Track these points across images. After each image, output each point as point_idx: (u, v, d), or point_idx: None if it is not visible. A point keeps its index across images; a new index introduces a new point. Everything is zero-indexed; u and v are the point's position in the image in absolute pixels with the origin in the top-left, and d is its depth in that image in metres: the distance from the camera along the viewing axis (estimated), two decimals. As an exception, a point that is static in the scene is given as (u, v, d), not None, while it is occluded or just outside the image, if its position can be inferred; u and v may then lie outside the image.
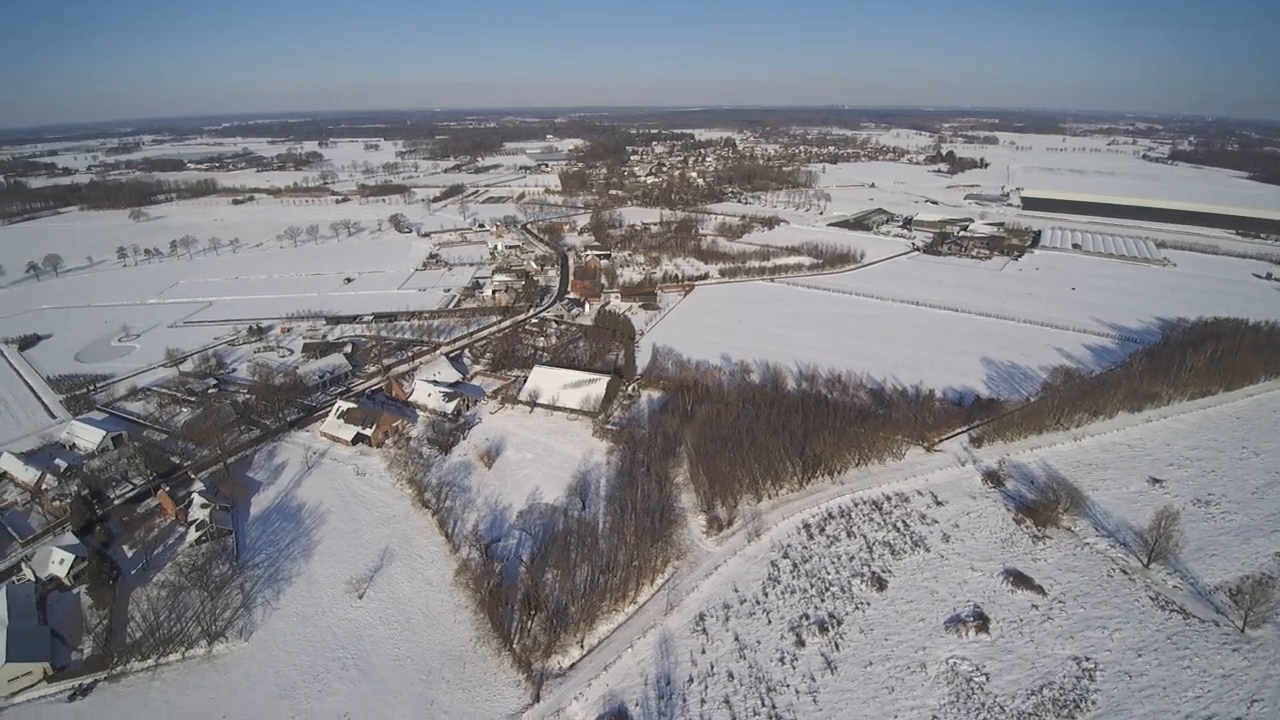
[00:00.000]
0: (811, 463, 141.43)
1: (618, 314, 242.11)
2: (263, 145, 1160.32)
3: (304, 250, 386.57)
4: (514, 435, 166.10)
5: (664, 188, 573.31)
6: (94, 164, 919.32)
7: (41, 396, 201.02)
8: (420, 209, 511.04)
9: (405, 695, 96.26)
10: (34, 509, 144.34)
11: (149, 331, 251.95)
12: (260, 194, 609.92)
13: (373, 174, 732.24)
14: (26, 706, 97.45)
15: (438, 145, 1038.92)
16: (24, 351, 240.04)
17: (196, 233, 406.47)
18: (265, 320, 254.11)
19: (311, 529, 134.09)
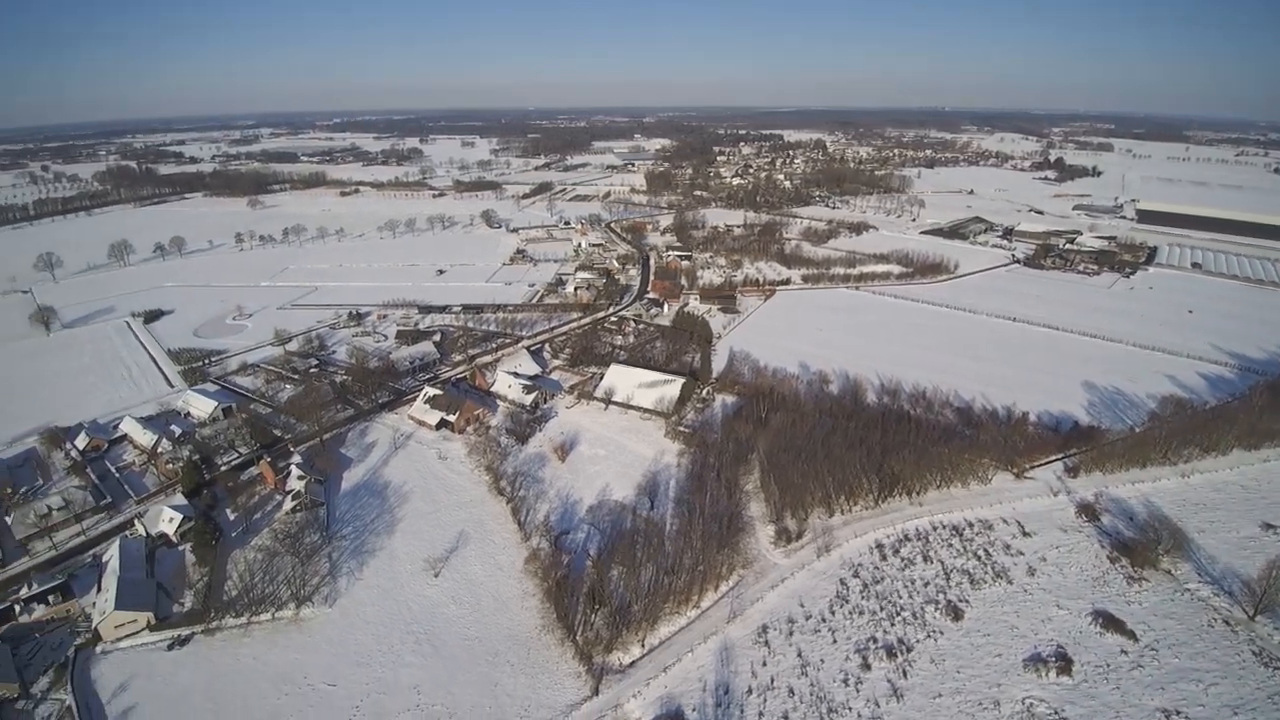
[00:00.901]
0: (889, 481, 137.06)
1: (696, 316, 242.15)
2: (369, 141, 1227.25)
3: (401, 241, 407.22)
4: (588, 431, 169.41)
5: (749, 190, 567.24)
6: (217, 154, 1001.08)
7: (162, 367, 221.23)
8: (510, 205, 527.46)
9: (472, 674, 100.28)
10: (149, 470, 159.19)
11: (260, 312, 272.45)
12: (365, 187, 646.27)
13: (468, 170, 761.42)
14: (130, 652, 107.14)
15: (529, 143, 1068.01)
16: (149, 325, 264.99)
17: (306, 221, 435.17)
18: (363, 306, 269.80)
19: (395, 506, 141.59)
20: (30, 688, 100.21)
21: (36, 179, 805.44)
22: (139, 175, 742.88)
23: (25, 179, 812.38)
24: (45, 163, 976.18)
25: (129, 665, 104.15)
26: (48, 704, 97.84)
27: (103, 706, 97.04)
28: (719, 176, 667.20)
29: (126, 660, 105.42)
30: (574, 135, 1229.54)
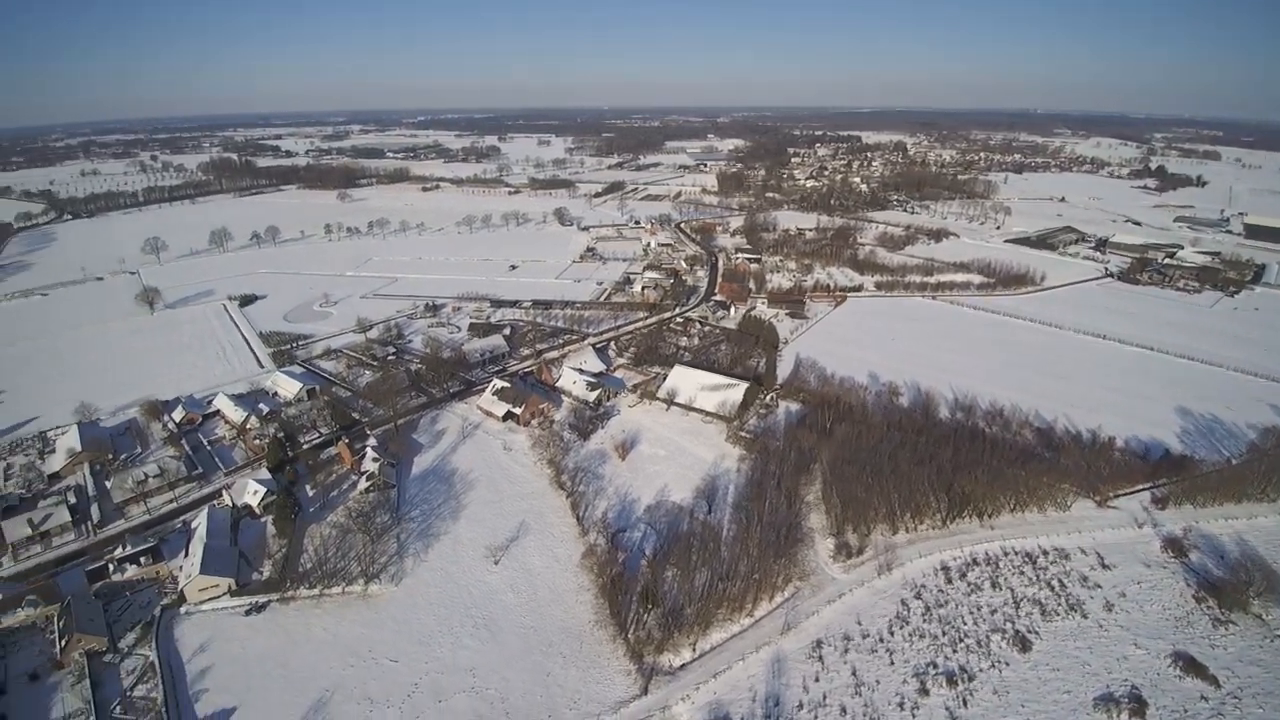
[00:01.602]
0: (959, 501, 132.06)
1: (763, 320, 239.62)
2: (450, 138, 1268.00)
3: (477, 236, 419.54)
4: (649, 430, 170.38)
5: (823, 192, 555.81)
6: (311, 149, 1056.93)
7: (254, 348, 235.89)
8: (582, 204, 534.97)
9: (525, 662, 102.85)
10: (238, 444, 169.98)
11: (344, 300, 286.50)
12: (445, 183, 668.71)
13: (543, 168, 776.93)
14: (211, 614, 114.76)
15: (603, 143, 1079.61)
16: (243, 308, 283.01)
17: (390, 215, 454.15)
18: (439, 298, 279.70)
19: (461, 493, 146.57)
20: (118, 642, 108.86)
21: (146, 168, 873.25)
22: (239, 167, 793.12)
23: (136, 168, 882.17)
24: (154, 153, 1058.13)
25: (209, 627, 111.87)
26: (133, 658, 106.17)
27: (183, 664, 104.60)
28: (792, 178, 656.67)
29: (207, 622, 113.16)
30: (647, 135, 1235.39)
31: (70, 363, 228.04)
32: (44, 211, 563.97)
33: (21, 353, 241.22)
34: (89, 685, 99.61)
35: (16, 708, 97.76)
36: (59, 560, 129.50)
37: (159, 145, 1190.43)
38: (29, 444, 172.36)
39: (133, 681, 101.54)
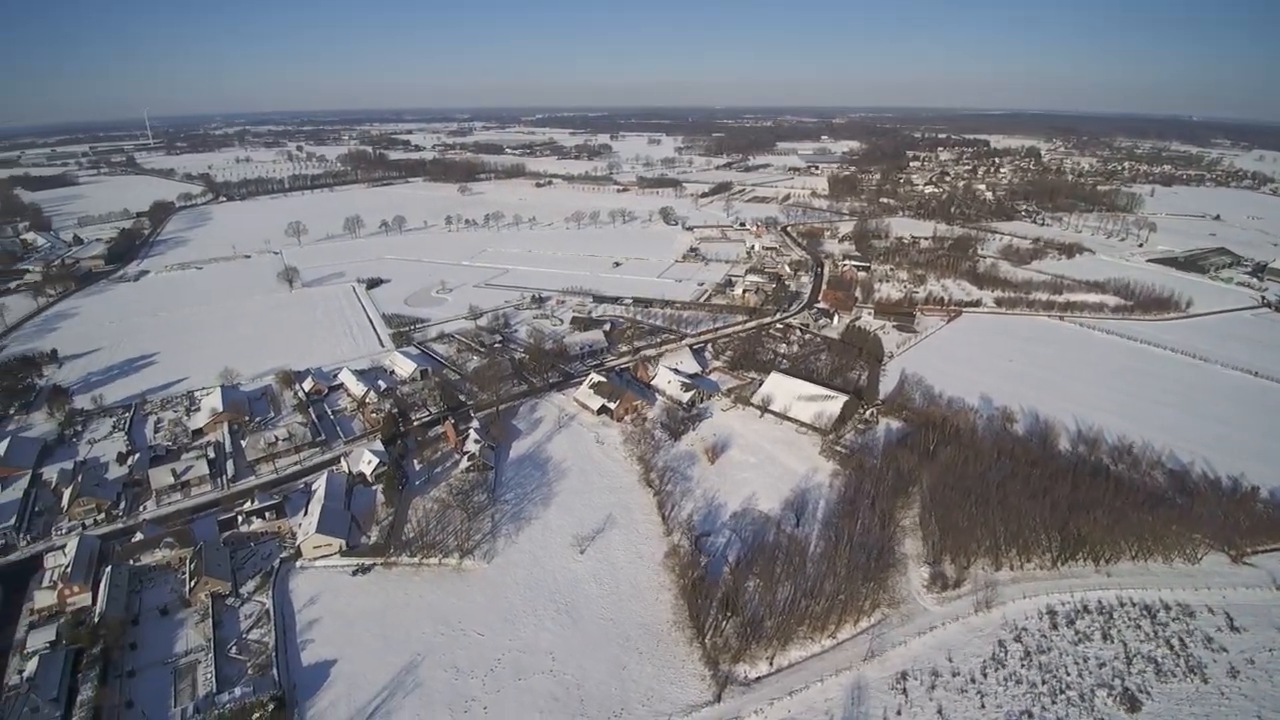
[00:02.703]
0: (1073, 542, 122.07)
1: (868, 331, 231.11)
2: (565, 136, 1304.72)
3: (585, 233, 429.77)
4: (740, 436, 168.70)
5: (943, 199, 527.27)
6: (437, 144, 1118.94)
7: (376, 328, 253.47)
8: (688, 203, 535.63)
9: (603, 652, 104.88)
10: (357, 416, 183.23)
11: (459, 288, 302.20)
12: (557, 179, 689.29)
13: (651, 167, 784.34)
14: (322, 571, 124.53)
15: (713, 142, 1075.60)
16: (370, 290, 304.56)
17: (505, 209, 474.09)
18: (545, 291, 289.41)
19: (553, 481, 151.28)
20: (240, 588, 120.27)
21: (292, 157, 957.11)
22: (373, 159, 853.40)
23: (284, 156, 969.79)
24: (300, 144, 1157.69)
25: (319, 582, 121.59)
26: (251, 604, 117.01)
27: (294, 614, 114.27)
28: (910, 183, 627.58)
29: (318, 578, 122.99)
30: (758, 135, 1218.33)
31: (218, 331, 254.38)
32: (202, 193, 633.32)
33: (177, 319, 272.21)
34: (211, 624, 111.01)
35: (146, 638, 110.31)
36: (195, 509, 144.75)
37: (304, 137, 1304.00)
38: (178, 402, 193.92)
39: (249, 625, 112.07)
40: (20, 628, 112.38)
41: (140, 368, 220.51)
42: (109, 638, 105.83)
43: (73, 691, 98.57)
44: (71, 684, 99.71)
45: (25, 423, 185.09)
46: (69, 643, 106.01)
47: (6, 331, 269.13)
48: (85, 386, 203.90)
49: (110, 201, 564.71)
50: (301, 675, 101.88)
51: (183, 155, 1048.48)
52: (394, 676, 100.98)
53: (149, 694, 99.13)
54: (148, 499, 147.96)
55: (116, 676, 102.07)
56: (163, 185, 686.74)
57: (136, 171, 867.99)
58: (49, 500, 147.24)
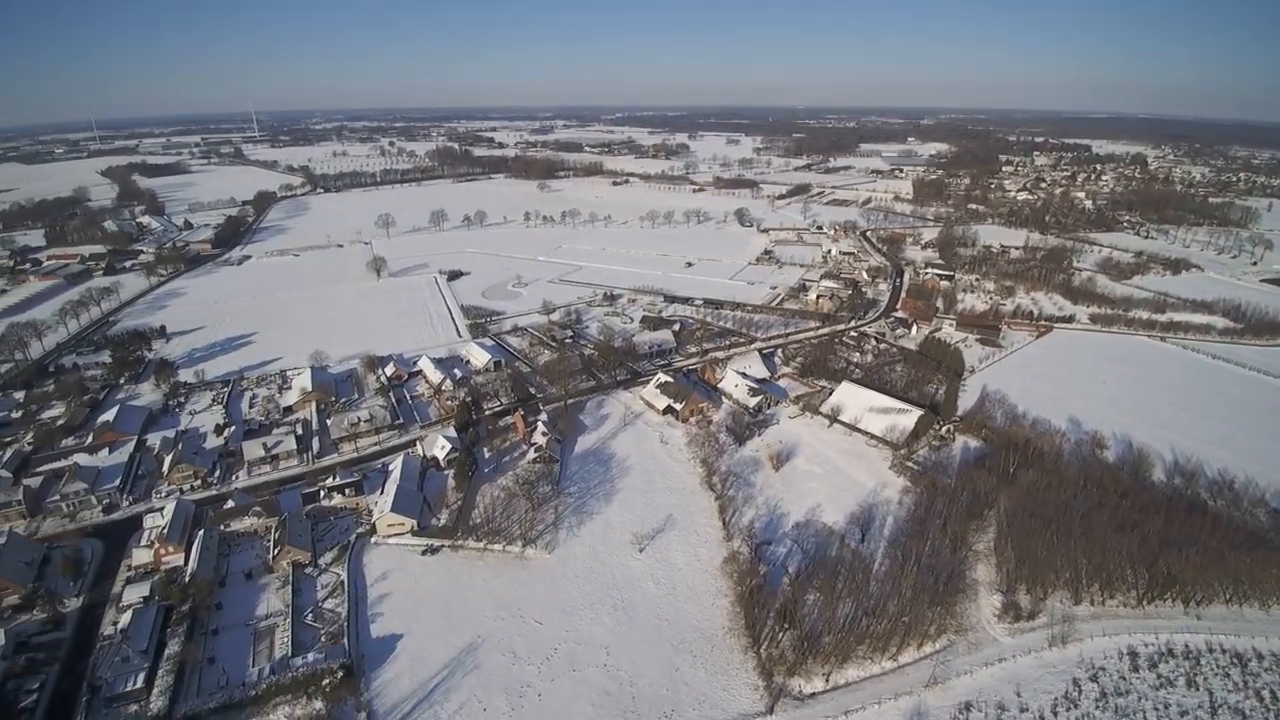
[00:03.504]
0: (1161, 580, 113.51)
1: (948, 344, 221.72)
2: (643, 135, 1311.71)
3: (659, 232, 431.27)
4: (807, 445, 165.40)
5: (1037, 206, 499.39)
6: (519, 141, 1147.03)
7: (455, 319, 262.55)
8: (764, 205, 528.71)
9: (656, 652, 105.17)
10: (433, 403, 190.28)
11: (534, 283, 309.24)
12: (634, 178, 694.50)
13: (729, 168, 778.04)
14: (394, 548, 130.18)
15: (793, 143, 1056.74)
16: (450, 282, 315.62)
17: (581, 206, 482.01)
18: (617, 289, 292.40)
19: (616, 478, 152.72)
20: (319, 559, 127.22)
21: (385, 152, 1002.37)
22: (458, 156, 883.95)
23: (376, 152, 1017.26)
24: (392, 139, 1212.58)
25: (391, 559, 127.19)
26: (328, 574, 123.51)
27: (366, 587, 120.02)
28: (1001, 189, 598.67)
29: (390, 555, 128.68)
30: (840, 136, 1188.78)
31: (310, 315, 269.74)
32: (302, 184, 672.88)
33: (274, 302, 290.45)
34: (290, 591, 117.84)
35: (230, 599, 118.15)
36: (282, 481, 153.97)
37: (396, 133, 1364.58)
38: (271, 380, 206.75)
39: (325, 595, 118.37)
40: (118, 582, 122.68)
41: (239, 346, 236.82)
42: (197, 597, 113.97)
43: (161, 645, 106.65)
44: (161, 638, 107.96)
45: (134, 392, 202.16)
46: (161, 599, 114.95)
47: (121, 307, 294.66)
48: (189, 361, 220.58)
49: (218, 190, 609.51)
50: (370, 646, 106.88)
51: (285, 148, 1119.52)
52: (455, 656, 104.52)
53: (230, 653, 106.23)
54: (240, 469, 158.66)
55: (202, 634, 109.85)
56: (266, 176, 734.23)
57: (243, 162, 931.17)
58: (151, 465, 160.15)
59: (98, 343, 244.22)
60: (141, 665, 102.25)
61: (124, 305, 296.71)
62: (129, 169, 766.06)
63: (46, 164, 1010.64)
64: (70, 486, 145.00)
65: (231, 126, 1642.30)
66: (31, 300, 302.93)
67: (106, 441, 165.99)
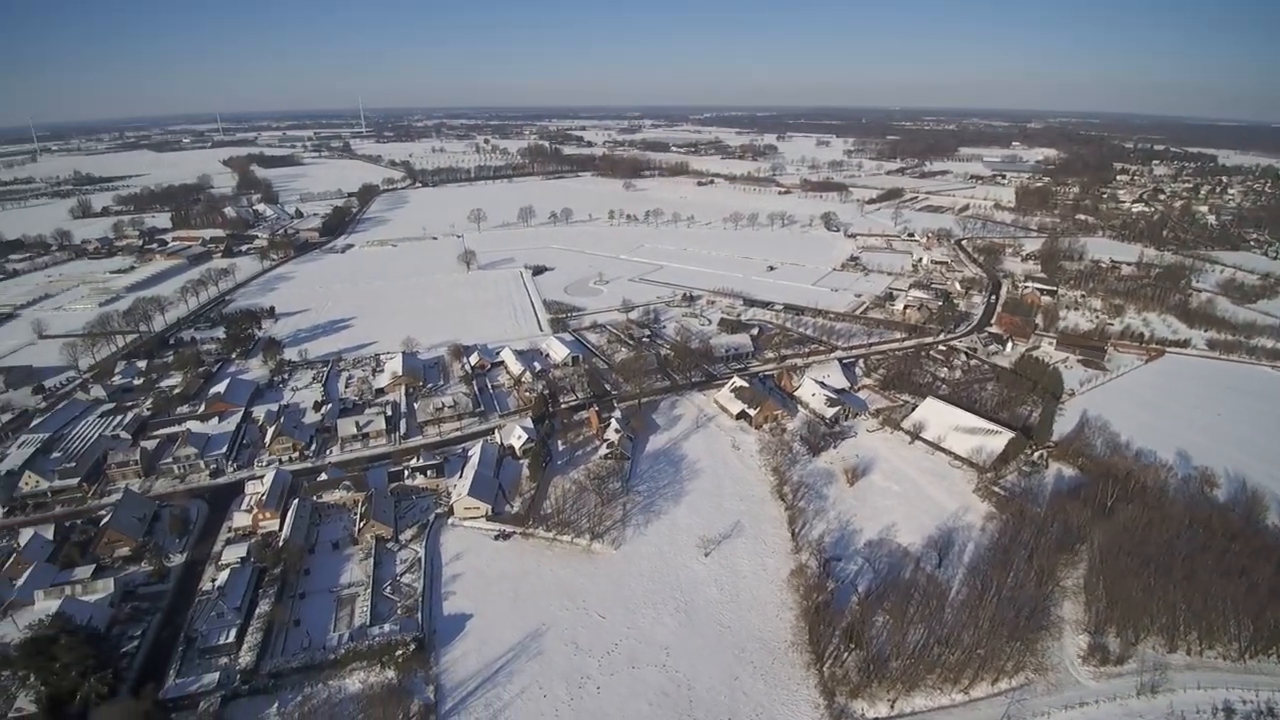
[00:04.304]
0: (1267, 634, 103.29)
1: (1046, 363, 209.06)
2: (731, 135, 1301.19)
3: (741, 234, 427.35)
4: (885, 461, 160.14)
5: (1153, 220, 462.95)
6: (607, 140, 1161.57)
7: (537, 313, 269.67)
8: (853, 209, 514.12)
9: (716, 658, 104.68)
10: (513, 393, 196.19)
11: (614, 280, 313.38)
12: (719, 179, 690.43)
13: (817, 170, 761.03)
14: (469, 531, 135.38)
15: (886, 146, 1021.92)
16: (535, 277, 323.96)
17: (665, 206, 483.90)
18: (696, 290, 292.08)
19: (685, 480, 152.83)
20: (399, 535, 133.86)
21: (479, 149, 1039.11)
22: (548, 153, 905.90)
23: (472, 148, 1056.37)
24: (487, 137, 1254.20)
25: (465, 541, 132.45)
26: (407, 550, 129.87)
27: (441, 566, 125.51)
28: (1114, 200, 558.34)
29: (465, 537, 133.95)
30: (938, 139, 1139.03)
31: (404, 303, 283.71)
32: (402, 178, 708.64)
33: (373, 289, 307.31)
34: (372, 563, 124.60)
35: (318, 566, 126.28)
36: (371, 458, 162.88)
37: (491, 131, 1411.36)
38: (366, 362, 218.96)
39: (404, 569, 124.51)
40: (218, 542, 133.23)
41: (339, 329, 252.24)
42: (289, 562, 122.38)
43: (253, 604, 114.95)
44: (253, 597, 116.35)
45: (244, 367, 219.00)
46: (256, 561, 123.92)
47: (236, 287, 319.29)
48: (294, 341, 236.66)
49: (327, 181, 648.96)
50: (441, 623, 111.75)
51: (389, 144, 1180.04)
52: (520, 640, 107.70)
53: (314, 616, 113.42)
54: (334, 445, 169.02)
55: (290, 597, 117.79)
56: (370, 170, 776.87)
57: (350, 156, 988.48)
58: (255, 436, 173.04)
59: (214, 319, 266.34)
60: (234, 621, 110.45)
61: (238, 286, 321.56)
62: (248, 159, 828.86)
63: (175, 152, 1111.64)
64: (182, 450, 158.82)
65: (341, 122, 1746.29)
66: (157, 277, 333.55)
67: (217, 411, 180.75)
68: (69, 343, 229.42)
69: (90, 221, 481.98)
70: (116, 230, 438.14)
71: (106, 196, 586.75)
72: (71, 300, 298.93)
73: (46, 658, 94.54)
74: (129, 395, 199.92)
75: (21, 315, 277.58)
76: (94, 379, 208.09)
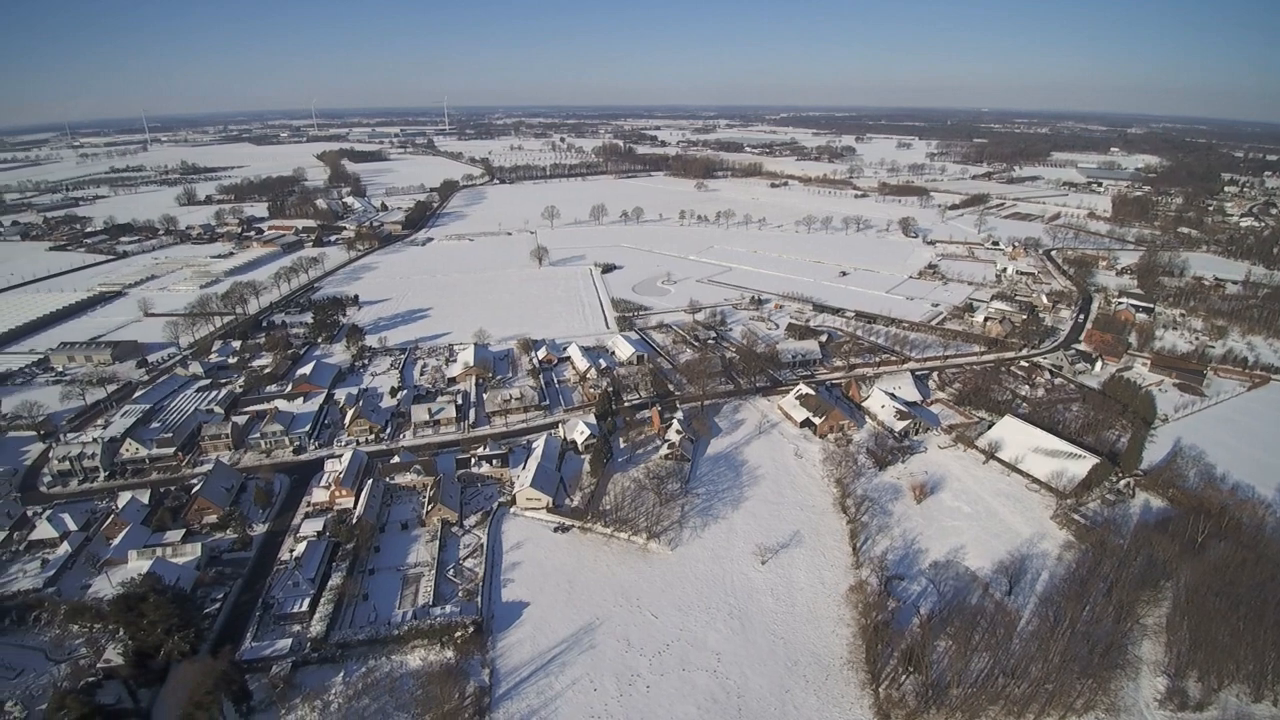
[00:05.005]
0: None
1: (1138, 385, 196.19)
2: (807, 136, 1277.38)
3: (814, 238, 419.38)
4: (956, 480, 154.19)
5: (1264, 236, 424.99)
6: (681, 139, 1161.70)
7: (605, 310, 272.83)
8: (933, 215, 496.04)
9: (768, 668, 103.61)
10: (577, 389, 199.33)
11: (682, 281, 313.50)
12: (793, 181, 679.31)
13: (897, 173, 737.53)
14: (530, 521, 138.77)
15: (972, 149, 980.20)
16: (604, 275, 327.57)
17: (736, 207, 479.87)
18: (764, 294, 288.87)
19: (745, 485, 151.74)
20: (464, 520, 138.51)
21: (555, 148, 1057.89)
22: (622, 153, 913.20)
23: (548, 147, 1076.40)
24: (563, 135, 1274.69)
25: (526, 531, 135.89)
26: (470, 536, 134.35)
27: (502, 553, 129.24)
28: (1221, 212, 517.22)
29: (526, 527, 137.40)
30: (1029, 143, 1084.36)
31: (478, 296, 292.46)
32: (481, 175, 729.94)
33: (450, 281, 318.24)
34: (437, 546, 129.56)
35: (387, 544, 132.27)
36: (440, 445, 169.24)
37: (567, 129, 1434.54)
38: (441, 351, 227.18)
39: (466, 554, 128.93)
40: (298, 515, 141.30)
41: (416, 319, 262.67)
42: (361, 538, 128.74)
43: (326, 576, 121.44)
44: (326, 570, 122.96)
45: (328, 351, 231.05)
46: (331, 536, 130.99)
47: (324, 275, 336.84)
48: (374, 329, 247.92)
49: (411, 176, 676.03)
50: (500, 608, 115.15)
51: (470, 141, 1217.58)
52: (573, 632, 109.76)
53: (381, 592, 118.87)
54: (407, 429, 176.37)
55: (360, 572, 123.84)
56: (452, 166, 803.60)
57: (433, 153, 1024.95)
58: (335, 417, 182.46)
59: (303, 305, 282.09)
60: (308, 591, 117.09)
61: (326, 274, 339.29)
62: (339, 154, 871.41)
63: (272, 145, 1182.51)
64: (270, 427, 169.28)
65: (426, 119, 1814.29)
66: (253, 263, 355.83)
67: (302, 391, 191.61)
68: (171, 321, 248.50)
69: (194, 209, 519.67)
70: (218, 218, 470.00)
71: (209, 186, 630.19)
72: (175, 282, 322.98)
73: (136, 614, 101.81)
74: (223, 373, 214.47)
75: (129, 294, 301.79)
76: (193, 356, 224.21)
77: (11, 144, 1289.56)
